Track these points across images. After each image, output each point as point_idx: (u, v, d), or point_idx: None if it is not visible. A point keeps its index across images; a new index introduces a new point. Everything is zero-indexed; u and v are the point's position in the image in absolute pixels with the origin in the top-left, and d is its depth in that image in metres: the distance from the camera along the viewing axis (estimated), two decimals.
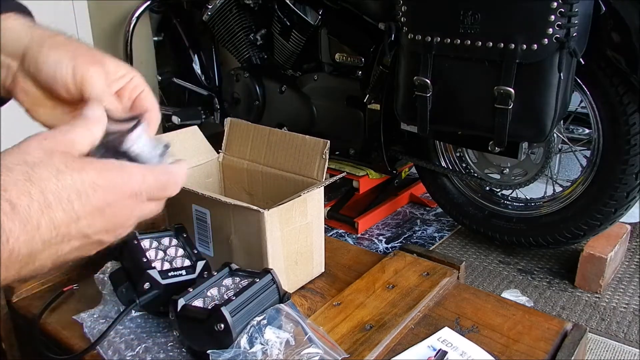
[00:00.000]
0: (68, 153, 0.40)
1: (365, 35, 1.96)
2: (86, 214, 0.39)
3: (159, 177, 0.44)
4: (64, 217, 0.38)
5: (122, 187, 0.41)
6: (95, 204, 0.40)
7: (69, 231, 0.39)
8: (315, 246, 0.85)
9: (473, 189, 1.94)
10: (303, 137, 0.87)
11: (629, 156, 1.53)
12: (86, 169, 0.40)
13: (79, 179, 0.39)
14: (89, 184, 0.39)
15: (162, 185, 0.45)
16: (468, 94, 1.56)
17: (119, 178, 0.41)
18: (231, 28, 2.29)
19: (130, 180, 0.42)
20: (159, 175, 0.45)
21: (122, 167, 0.42)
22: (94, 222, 0.40)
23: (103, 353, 0.66)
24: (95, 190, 0.39)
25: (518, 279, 1.80)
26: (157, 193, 0.45)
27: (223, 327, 0.59)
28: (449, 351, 0.67)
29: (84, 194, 0.39)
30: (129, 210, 0.43)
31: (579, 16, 1.36)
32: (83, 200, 0.39)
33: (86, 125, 0.44)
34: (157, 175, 0.44)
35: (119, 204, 0.41)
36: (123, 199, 0.42)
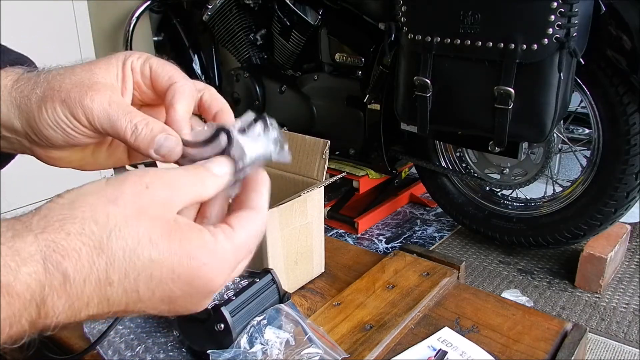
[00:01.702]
0: (159, 218, 0.32)
1: (365, 35, 1.96)
2: (152, 299, 0.32)
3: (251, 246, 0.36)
4: (123, 297, 0.31)
5: (210, 281, 0.34)
6: (168, 294, 0.33)
7: (127, 308, 0.32)
8: (315, 246, 0.85)
9: (473, 189, 1.94)
10: (303, 137, 0.87)
11: (629, 156, 1.53)
12: (171, 252, 0.32)
13: (158, 262, 0.32)
14: (167, 272, 0.32)
15: (251, 252, 0.37)
16: (468, 94, 1.56)
17: (208, 271, 0.33)
18: (231, 28, 2.29)
19: (222, 271, 0.34)
20: (252, 244, 0.36)
21: (214, 252, 0.34)
22: (159, 307, 0.33)
23: (103, 353, 0.66)
24: (172, 281, 0.32)
25: (518, 279, 1.80)
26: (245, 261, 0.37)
27: (223, 327, 0.59)
28: (449, 351, 0.67)
29: (157, 281, 0.32)
30: (209, 299, 0.36)
31: (579, 16, 1.36)
32: (152, 286, 0.32)
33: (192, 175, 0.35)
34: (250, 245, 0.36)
35: (201, 296, 0.34)
36: (208, 292, 0.34)
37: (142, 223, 0.31)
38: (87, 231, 0.30)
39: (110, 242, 0.30)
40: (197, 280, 0.33)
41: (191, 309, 0.35)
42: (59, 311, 0.30)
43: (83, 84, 0.39)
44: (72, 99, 0.38)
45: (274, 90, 2.24)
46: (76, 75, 0.40)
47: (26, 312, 0.29)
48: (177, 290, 0.33)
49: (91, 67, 0.40)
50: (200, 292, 0.34)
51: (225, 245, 0.34)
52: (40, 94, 0.39)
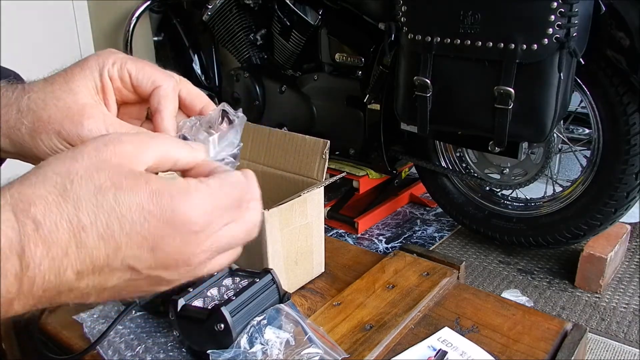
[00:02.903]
0: (122, 165, 0.33)
1: (365, 35, 1.96)
2: (131, 244, 0.32)
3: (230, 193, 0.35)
4: (100, 243, 0.31)
5: (186, 218, 0.33)
6: (144, 235, 0.32)
7: (109, 261, 0.32)
8: (315, 246, 0.85)
9: (473, 189, 1.94)
10: (303, 137, 0.87)
11: (629, 156, 1.53)
12: (136, 190, 0.32)
13: (125, 202, 0.31)
14: (136, 208, 0.32)
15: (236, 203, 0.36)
16: (468, 94, 1.56)
17: (181, 206, 0.32)
18: (231, 28, 2.29)
19: (197, 209, 0.33)
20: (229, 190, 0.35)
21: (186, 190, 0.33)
22: (141, 255, 0.32)
23: (103, 353, 0.66)
24: (144, 219, 0.32)
25: (518, 279, 1.80)
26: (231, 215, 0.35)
27: (223, 327, 0.59)
28: (449, 351, 0.67)
29: (129, 221, 0.31)
30: (194, 245, 0.34)
31: (579, 16, 1.36)
32: (127, 228, 0.31)
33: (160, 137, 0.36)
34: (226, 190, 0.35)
35: (180, 238, 0.33)
36: (186, 234, 0.33)
37: (102, 171, 0.32)
38: (50, 180, 0.31)
39: (74, 187, 0.31)
40: (170, 215, 0.32)
41: (179, 260, 0.34)
42: (38, 260, 0.29)
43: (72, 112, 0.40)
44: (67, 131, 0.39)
45: (274, 90, 2.24)
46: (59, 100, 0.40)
47: (9, 263, 0.29)
48: (153, 230, 0.32)
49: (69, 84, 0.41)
50: (179, 232, 0.33)
51: (197, 184, 0.34)
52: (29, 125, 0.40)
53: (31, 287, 0.30)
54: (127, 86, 0.43)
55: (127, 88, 0.43)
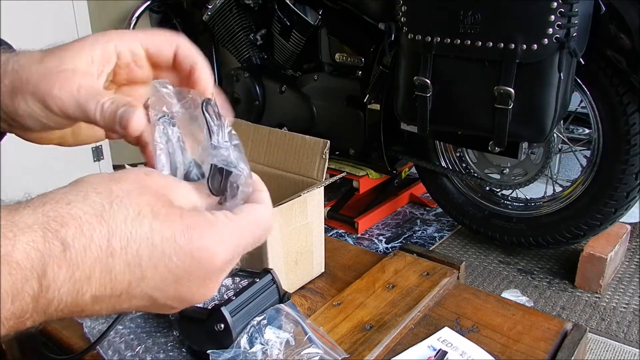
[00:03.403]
0: (163, 194, 0.33)
1: (365, 35, 1.96)
2: (155, 275, 0.31)
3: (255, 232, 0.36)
4: (126, 271, 0.30)
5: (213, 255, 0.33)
6: (171, 268, 0.32)
7: (130, 288, 0.31)
8: (315, 246, 0.85)
9: (473, 189, 1.94)
10: (303, 137, 0.87)
11: (629, 156, 1.53)
12: (171, 221, 0.32)
13: (159, 232, 0.31)
14: (168, 240, 0.31)
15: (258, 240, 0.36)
16: (468, 94, 1.56)
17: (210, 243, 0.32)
18: (231, 28, 2.29)
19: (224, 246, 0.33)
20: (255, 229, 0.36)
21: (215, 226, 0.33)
22: (164, 287, 0.32)
23: (103, 353, 0.66)
24: (174, 252, 0.31)
25: (518, 279, 1.80)
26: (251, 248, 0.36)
27: (223, 327, 0.59)
28: (449, 351, 0.67)
29: (159, 252, 0.31)
30: (214, 282, 0.34)
31: (579, 16, 1.36)
32: (155, 259, 0.31)
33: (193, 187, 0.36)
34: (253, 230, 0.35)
35: (203, 274, 0.33)
36: (211, 270, 0.33)
37: (144, 196, 0.32)
38: (89, 200, 0.30)
39: (112, 210, 0.30)
40: (198, 252, 0.32)
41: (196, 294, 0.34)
42: (60, 283, 0.29)
43: (50, 74, 0.38)
44: (42, 90, 0.38)
45: (274, 90, 2.24)
46: (44, 63, 0.39)
47: (27, 285, 0.28)
48: (179, 263, 0.32)
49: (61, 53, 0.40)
50: (203, 268, 0.33)
51: (226, 222, 0.34)
52: (8, 85, 0.39)
53: (46, 307, 0.30)
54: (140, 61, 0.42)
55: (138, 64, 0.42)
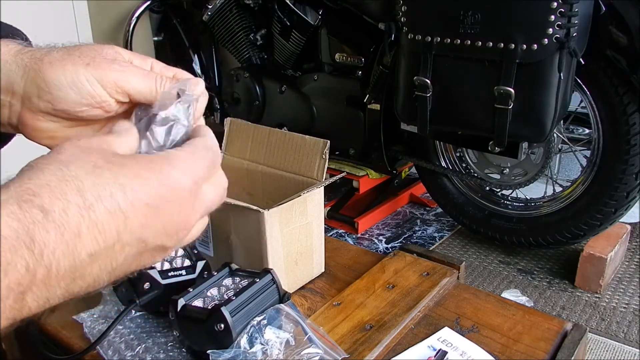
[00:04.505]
0: (106, 150, 0.35)
1: (365, 35, 1.96)
2: (136, 212, 0.33)
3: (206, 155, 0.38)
4: (109, 219, 0.31)
5: (177, 178, 0.35)
6: (146, 200, 0.33)
7: (120, 236, 0.32)
8: (315, 246, 0.85)
9: (473, 189, 1.94)
10: (303, 137, 0.87)
11: (629, 156, 1.53)
12: (127, 163, 0.33)
13: (121, 173, 0.33)
14: (134, 176, 0.33)
15: (212, 163, 0.38)
16: (468, 94, 1.56)
17: (169, 167, 0.35)
18: (231, 28, 2.29)
19: (184, 169, 0.35)
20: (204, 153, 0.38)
21: (167, 156, 0.36)
22: (147, 222, 0.33)
23: (103, 353, 0.66)
24: (144, 184, 0.33)
25: (518, 279, 1.80)
26: (209, 174, 0.38)
27: (223, 327, 0.59)
28: (449, 351, 0.67)
29: (129, 189, 0.32)
30: (189, 205, 0.36)
31: (579, 16, 1.36)
32: (130, 196, 0.32)
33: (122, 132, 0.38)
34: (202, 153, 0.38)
35: (176, 198, 0.35)
36: (181, 192, 0.35)
37: (91, 155, 0.33)
38: (46, 171, 0.31)
39: (70, 171, 0.31)
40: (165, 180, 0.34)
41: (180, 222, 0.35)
42: (51, 246, 0.29)
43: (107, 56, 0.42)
44: (98, 65, 0.40)
45: (274, 90, 2.24)
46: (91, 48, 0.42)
47: (17, 255, 0.28)
48: (154, 194, 0.33)
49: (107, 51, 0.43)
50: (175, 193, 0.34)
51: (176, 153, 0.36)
52: (57, 56, 0.40)
53: (47, 275, 0.30)
54: None
55: None
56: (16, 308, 0.29)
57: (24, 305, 0.30)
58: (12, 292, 0.28)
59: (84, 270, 0.31)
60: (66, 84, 0.40)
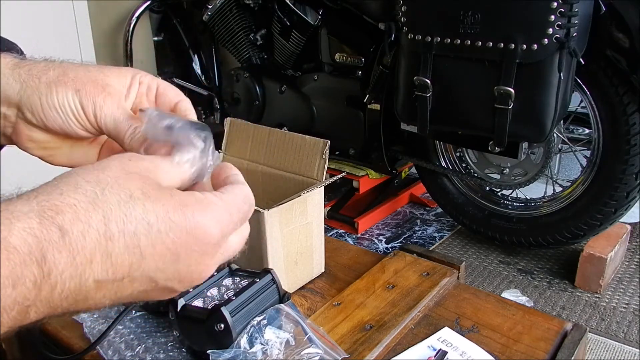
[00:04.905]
0: (149, 178, 0.34)
1: (365, 35, 1.96)
2: (154, 255, 0.32)
3: (242, 208, 0.37)
4: (125, 254, 0.31)
5: (206, 229, 0.34)
6: (168, 245, 0.32)
7: (130, 272, 0.32)
8: (315, 246, 0.85)
9: (473, 189, 1.94)
10: (303, 137, 0.87)
11: (629, 156, 1.53)
12: (163, 200, 0.32)
13: (152, 211, 0.32)
14: (163, 219, 0.32)
15: (246, 217, 0.37)
16: (468, 94, 1.56)
17: (202, 218, 0.33)
18: (231, 28, 2.29)
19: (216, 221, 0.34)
20: (242, 205, 0.37)
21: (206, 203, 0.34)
22: (163, 266, 0.33)
23: (103, 353, 0.66)
24: (170, 229, 0.32)
25: (518, 279, 1.80)
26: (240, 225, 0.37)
27: (223, 327, 0.59)
28: (449, 351, 0.67)
29: (155, 231, 0.32)
30: (210, 257, 0.35)
31: (579, 16, 1.36)
32: (152, 238, 0.32)
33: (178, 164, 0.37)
34: (240, 205, 0.36)
35: (199, 249, 0.34)
36: (205, 245, 0.34)
37: (132, 181, 0.33)
38: (80, 189, 0.31)
39: (104, 196, 0.31)
40: (193, 228, 0.33)
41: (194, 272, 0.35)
42: (61, 267, 0.29)
43: (98, 82, 0.42)
44: (87, 92, 0.41)
45: (274, 90, 2.24)
46: (90, 72, 0.42)
47: (27, 270, 0.28)
48: (176, 239, 0.32)
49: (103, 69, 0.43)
50: (199, 243, 0.33)
51: (215, 199, 0.35)
52: (53, 76, 0.41)
53: (50, 294, 0.30)
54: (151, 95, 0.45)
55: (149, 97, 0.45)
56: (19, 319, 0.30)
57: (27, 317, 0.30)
58: (17, 305, 0.29)
59: (87, 295, 0.31)
60: (56, 107, 0.41)
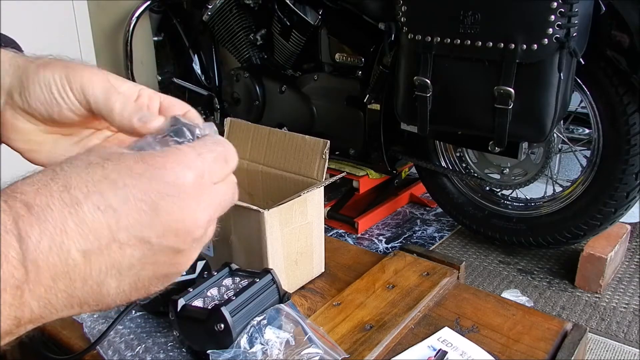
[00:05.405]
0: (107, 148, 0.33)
1: (365, 35, 1.96)
2: (130, 211, 0.31)
3: (214, 148, 0.35)
4: (100, 216, 0.30)
5: (175, 171, 0.32)
6: (140, 196, 0.31)
7: (113, 235, 0.30)
8: (315, 246, 0.85)
9: (473, 189, 1.94)
10: (303, 137, 0.87)
11: (629, 156, 1.53)
12: (123, 158, 0.32)
13: (114, 170, 0.31)
14: (126, 173, 0.31)
15: (222, 157, 0.35)
16: (468, 94, 1.56)
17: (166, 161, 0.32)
18: (231, 28, 2.29)
19: (183, 159, 0.33)
20: (213, 146, 0.35)
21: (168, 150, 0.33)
22: (146, 220, 0.31)
23: (103, 353, 0.66)
24: (137, 181, 0.31)
25: (518, 279, 1.80)
26: (220, 169, 0.35)
27: (223, 327, 0.59)
28: (449, 351, 0.67)
29: (121, 186, 0.30)
30: (193, 200, 0.33)
31: (579, 16, 1.36)
32: (121, 194, 0.30)
33: None
34: (210, 147, 0.35)
35: (176, 193, 0.32)
36: (181, 186, 0.32)
37: (91, 153, 0.32)
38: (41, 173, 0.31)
39: (62, 170, 0.31)
40: (159, 172, 0.32)
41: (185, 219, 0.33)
42: (35, 239, 0.28)
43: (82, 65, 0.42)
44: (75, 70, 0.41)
45: (274, 90, 2.24)
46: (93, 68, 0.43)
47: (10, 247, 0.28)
48: (147, 189, 0.31)
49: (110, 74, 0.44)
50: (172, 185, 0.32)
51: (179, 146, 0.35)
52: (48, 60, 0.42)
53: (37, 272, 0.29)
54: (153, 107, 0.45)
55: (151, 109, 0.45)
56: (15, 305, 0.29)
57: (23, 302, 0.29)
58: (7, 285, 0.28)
59: (80, 271, 0.30)
60: (42, 83, 0.41)
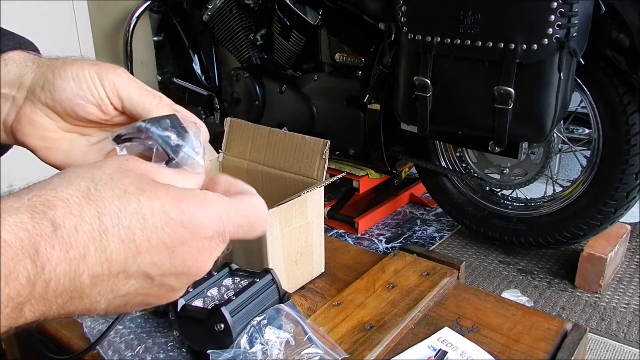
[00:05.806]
0: (144, 176, 0.33)
1: (365, 35, 1.96)
2: (150, 249, 0.32)
3: (248, 215, 0.36)
4: (120, 248, 0.31)
5: (202, 224, 0.33)
6: (164, 240, 0.32)
7: (126, 267, 0.31)
8: (315, 246, 0.85)
9: (473, 189, 1.94)
10: (303, 137, 0.87)
11: (629, 156, 1.53)
12: (159, 195, 0.32)
13: (148, 206, 0.31)
14: (158, 213, 0.32)
15: (250, 226, 0.36)
16: (468, 94, 1.56)
17: (199, 212, 0.33)
18: (231, 28, 2.29)
19: (213, 216, 0.34)
20: (248, 213, 0.36)
21: (203, 199, 0.34)
22: (159, 261, 0.32)
23: (103, 353, 0.66)
24: (166, 223, 0.32)
25: (518, 279, 1.80)
26: (243, 234, 0.36)
27: (223, 327, 0.59)
28: (449, 351, 0.67)
29: (150, 225, 0.31)
30: (207, 253, 0.34)
31: (579, 16, 1.36)
32: (148, 232, 0.31)
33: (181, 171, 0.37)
34: (244, 212, 0.36)
35: (195, 244, 0.33)
36: (201, 239, 0.34)
37: (127, 177, 0.32)
38: (73, 185, 0.31)
39: (98, 191, 0.31)
40: (189, 222, 0.33)
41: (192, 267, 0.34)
42: (54, 261, 0.29)
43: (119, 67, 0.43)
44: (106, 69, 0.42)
45: (274, 90, 2.24)
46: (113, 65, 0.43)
47: (20, 265, 0.28)
48: (171, 233, 0.32)
49: None
50: (195, 238, 0.33)
51: (216, 198, 0.35)
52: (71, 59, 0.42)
53: (45, 290, 0.29)
54: None
55: None
56: (13, 317, 0.29)
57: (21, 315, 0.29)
58: (11, 302, 0.28)
59: (82, 292, 0.31)
60: (70, 76, 0.41)
